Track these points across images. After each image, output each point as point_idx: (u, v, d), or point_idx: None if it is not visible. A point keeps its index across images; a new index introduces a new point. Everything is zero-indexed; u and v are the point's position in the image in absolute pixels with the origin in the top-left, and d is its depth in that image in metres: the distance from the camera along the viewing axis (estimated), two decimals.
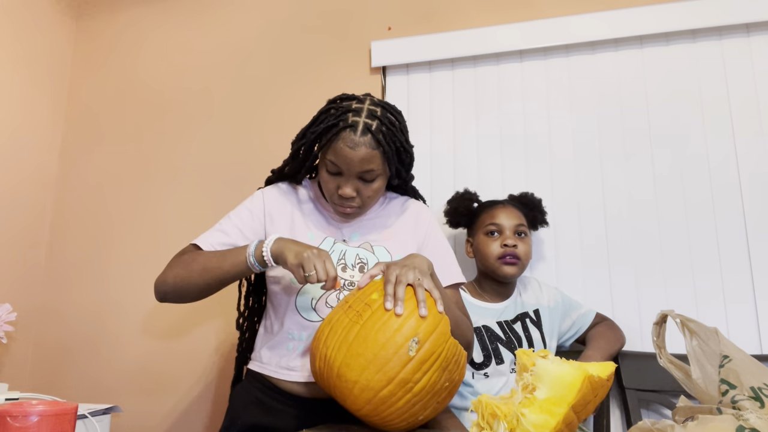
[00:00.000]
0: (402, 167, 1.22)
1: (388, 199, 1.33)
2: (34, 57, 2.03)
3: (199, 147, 2.00)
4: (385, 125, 1.14)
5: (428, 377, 0.90)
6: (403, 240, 1.26)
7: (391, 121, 1.16)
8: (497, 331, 1.42)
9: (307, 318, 1.18)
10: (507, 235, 1.43)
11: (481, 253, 1.46)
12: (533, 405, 0.76)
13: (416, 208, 1.33)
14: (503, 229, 1.43)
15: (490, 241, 1.44)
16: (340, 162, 1.12)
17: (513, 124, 1.77)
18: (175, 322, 1.88)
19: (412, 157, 1.24)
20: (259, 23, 2.05)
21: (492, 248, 1.42)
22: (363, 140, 1.11)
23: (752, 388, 0.69)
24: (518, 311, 1.46)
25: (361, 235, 1.25)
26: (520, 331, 1.43)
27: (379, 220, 1.28)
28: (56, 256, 2.04)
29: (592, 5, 1.74)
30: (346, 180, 1.14)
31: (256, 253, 1.10)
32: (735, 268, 1.53)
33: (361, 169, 1.12)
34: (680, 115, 1.65)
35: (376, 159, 1.13)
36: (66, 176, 2.11)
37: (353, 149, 1.10)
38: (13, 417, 0.78)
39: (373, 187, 1.16)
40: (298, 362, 1.17)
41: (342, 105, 1.17)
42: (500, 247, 1.42)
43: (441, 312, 0.96)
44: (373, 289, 0.99)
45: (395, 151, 1.17)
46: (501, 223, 1.44)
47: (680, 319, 0.79)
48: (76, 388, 1.90)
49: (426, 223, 1.30)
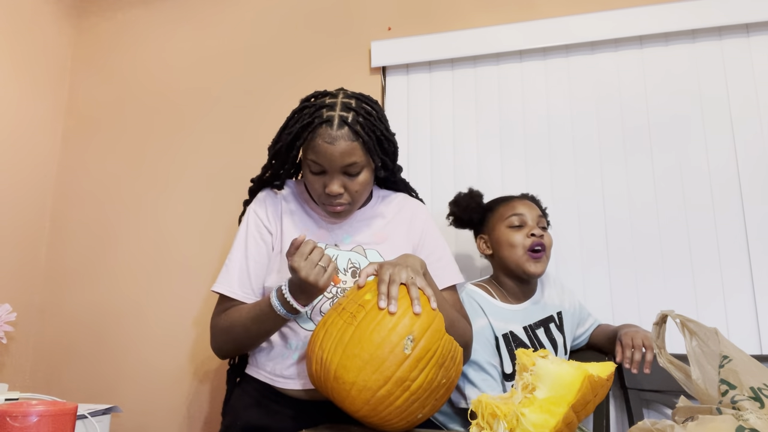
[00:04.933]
0: (386, 157, 1.20)
1: (380, 197, 1.30)
2: (34, 57, 2.03)
3: (198, 147, 2.00)
4: (362, 116, 1.12)
5: (425, 375, 0.90)
6: (396, 242, 1.23)
7: (368, 110, 1.14)
8: (523, 339, 1.35)
9: (302, 326, 1.17)
10: (531, 225, 1.36)
11: (505, 246, 1.36)
12: (533, 405, 0.76)
13: (411, 207, 1.30)
14: (526, 220, 1.37)
15: (514, 232, 1.36)
16: (321, 160, 1.10)
17: (513, 124, 1.77)
18: (175, 322, 1.88)
19: (395, 146, 1.22)
20: (258, 24, 2.05)
21: (518, 239, 1.35)
22: (340, 133, 1.09)
23: (752, 388, 0.69)
24: (542, 313, 1.41)
25: (352, 238, 1.22)
26: (543, 337, 1.38)
27: (371, 221, 1.25)
28: (56, 256, 2.04)
29: (592, 5, 1.74)
30: (331, 177, 1.12)
31: (291, 310, 1.08)
32: (735, 268, 1.53)
33: (343, 163, 1.10)
34: (680, 115, 1.65)
35: (356, 151, 1.11)
36: (66, 176, 2.11)
37: (332, 144, 1.08)
38: (13, 417, 0.78)
39: (359, 181, 1.14)
40: (294, 370, 1.16)
41: (315, 102, 1.15)
42: (527, 237, 1.34)
43: (434, 309, 0.96)
44: (366, 290, 0.99)
45: (376, 141, 1.14)
46: (524, 214, 1.37)
47: (680, 320, 0.79)
48: (76, 388, 1.90)
49: (421, 223, 1.27)
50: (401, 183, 1.34)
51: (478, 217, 1.47)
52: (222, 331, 1.18)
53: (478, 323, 1.32)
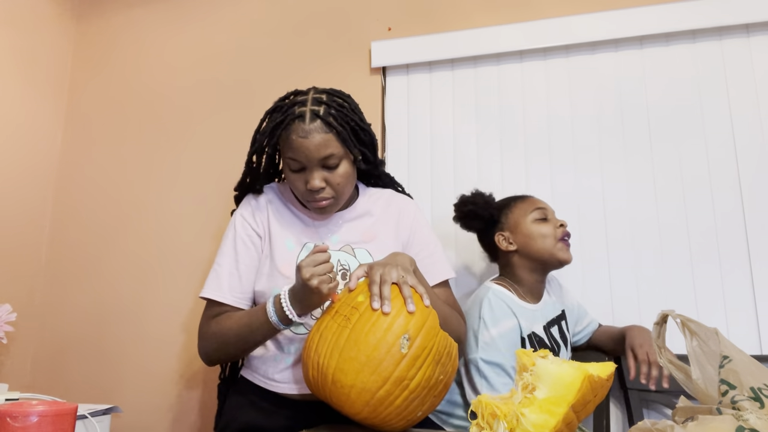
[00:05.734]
0: (365, 148, 1.20)
1: (367, 195, 1.29)
2: (34, 57, 2.03)
3: (198, 147, 2.00)
4: (334, 108, 1.12)
5: (423, 372, 0.90)
6: (384, 240, 1.22)
7: (340, 103, 1.14)
8: (543, 338, 1.36)
9: (294, 331, 1.16)
10: (553, 218, 1.39)
11: (537, 238, 1.37)
12: (533, 405, 0.76)
13: (399, 204, 1.28)
14: (548, 213, 1.40)
15: (542, 226, 1.38)
16: (297, 155, 1.10)
17: (513, 124, 1.77)
18: (175, 322, 1.87)
19: (373, 136, 1.22)
20: (258, 24, 2.05)
21: (548, 230, 1.37)
22: (313, 126, 1.09)
23: (752, 388, 0.69)
24: (553, 312, 1.43)
25: (340, 237, 1.21)
26: (557, 335, 1.39)
27: (358, 220, 1.24)
28: (56, 256, 2.04)
29: (592, 5, 1.74)
30: (311, 172, 1.12)
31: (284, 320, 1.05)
32: (735, 268, 1.53)
33: (320, 155, 1.10)
34: (680, 114, 1.65)
35: (332, 142, 1.10)
36: (66, 176, 2.11)
37: (306, 138, 1.09)
38: (13, 417, 0.78)
39: (339, 173, 1.13)
40: (289, 374, 1.16)
41: (286, 102, 1.16)
42: (557, 228, 1.37)
43: (428, 306, 0.96)
44: (358, 292, 0.99)
45: (351, 131, 1.14)
46: (546, 208, 1.40)
47: (680, 320, 0.79)
48: (76, 388, 1.90)
49: (410, 220, 1.26)
50: (385, 177, 1.33)
51: (497, 213, 1.45)
52: (212, 337, 1.16)
53: (507, 325, 1.30)
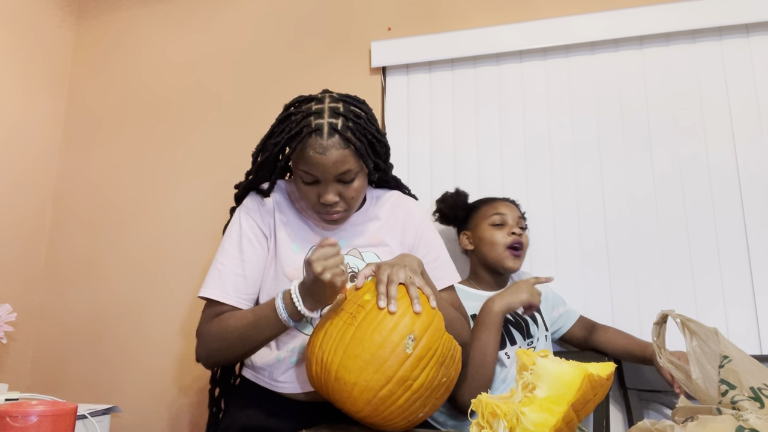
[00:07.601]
0: (379, 159, 1.17)
1: (374, 199, 1.27)
2: (34, 57, 2.03)
3: (198, 147, 2.00)
4: (351, 120, 1.08)
5: (426, 374, 0.90)
6: (391, 243, 1.22)
7: (357, 113, 1.10)
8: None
9: (301, 330, 1.15)
10: (511, 224, 1.47)
11: (486, 242, 1.47)
12: (533, 404, 0.76)
13: (406, 207, 1.27)
14: (507, 219, 1.47)
15: (496, 230, 1.46)
16: (313, 171, 1.07)
17: (513, 124, 1.77)
18: (175, 322, 1.87)
19: (387, 147, 1.19)
20: (258, 24, 2.05)
21: (499, 237, 1.45)
22: (331, 142, 1.05)
23: (752, 388, 0.69)
24: None
25: (348, 241, 1.20)
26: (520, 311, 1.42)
27: (365, 225, 1.23)
28: (56, 256, 2.04)
29: (592, 5, 1.74)
30: (325, 186, 1.09)
31: (294, 315, 1.03)
32: (735, 269, 1.53)
33: (337, 172, 1.07)
34: (680, 115, 1.65)
35: (349, 158, 1.07)
36: (66, 176, 2.11)
37: (323, 154, 1.04)
38: (13, 417, 0.78)
39: (354, 187, 1.11)
40: (292, 374, 1.15)
41: (301, 109, 1.10)
42: (508, 236, 1.45)
43: (434, 308, 0.96)
44: (365, 290, 0.99)
45: (368, 145, 1.11)
46: (506, 214, 1.48)
47: (680, 319, 0.79)
48: (76, 388, 1.90)
49: (416, 223, 1.26)
50: (393, 180, 1.32)
51: (462, 214, 1.57)
52: (213, 337, 1.12)
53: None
